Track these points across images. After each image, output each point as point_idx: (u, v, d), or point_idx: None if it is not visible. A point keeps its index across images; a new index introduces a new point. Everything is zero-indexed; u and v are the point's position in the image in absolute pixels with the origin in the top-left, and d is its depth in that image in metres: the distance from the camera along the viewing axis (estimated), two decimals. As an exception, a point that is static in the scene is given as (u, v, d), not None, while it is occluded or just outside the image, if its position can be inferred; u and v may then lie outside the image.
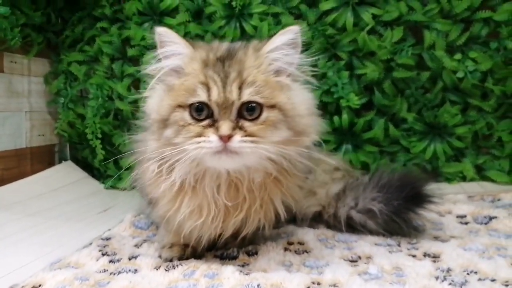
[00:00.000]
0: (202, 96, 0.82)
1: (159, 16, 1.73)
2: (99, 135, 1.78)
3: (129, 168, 1.00)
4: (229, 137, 0.78)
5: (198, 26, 1.70)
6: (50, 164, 1.90)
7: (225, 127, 0.79)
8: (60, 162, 1.93)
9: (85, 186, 1.80)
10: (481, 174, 1.63)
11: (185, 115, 0.84)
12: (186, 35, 1.69)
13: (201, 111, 0.83)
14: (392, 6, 1.59)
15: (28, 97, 1.79)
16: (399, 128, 1.66)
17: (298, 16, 1.66)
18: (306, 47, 1.60)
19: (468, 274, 0.86)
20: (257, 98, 0.82)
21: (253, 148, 0.79)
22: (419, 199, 1.11)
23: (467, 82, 1.56)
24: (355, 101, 1.59)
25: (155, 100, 0.90)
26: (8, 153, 1.68)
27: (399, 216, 1.10)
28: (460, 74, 1.56)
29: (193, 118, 0.83)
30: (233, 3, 1.64)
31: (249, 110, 0.82)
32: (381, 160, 1.66)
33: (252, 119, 0.82)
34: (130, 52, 1.75)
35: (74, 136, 1.87)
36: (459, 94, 1.61)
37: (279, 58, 0.87)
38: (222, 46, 0.91)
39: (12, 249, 1.12)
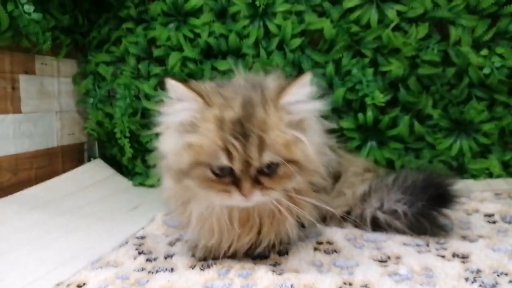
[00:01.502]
0: (224, 161, 0.83)
1: (184, 17, 1.75)
2: (127, 134, 1.82)
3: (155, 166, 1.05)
4: (250, 194, 0.84)
5: (222, 25, 1.72)
6: (80, 162, 1.96)
7: (246, 188, 0.83)
8: (89, 160, 1.99)
9: (114, 184, 1.85)
10: (507, 170, 1.62)
11: (207, 172, 0.85)
12: (210, 35, 1.72)
13: (223, 169, 0.85)
14: (417, 2, 1.57)
15: (58, 98, 1.85)
16: (424, 125, 1.66)
17: (322, 14, 1.67)
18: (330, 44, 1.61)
19: (498, 275, 0.87)
20: (276, 158, 0.84)
21: (269, 198, 0.87)
22: (443, 199, 1.11)
23: (493, 78, 1.55)
24: (380, 98, 1.59)
25: (171, 149, 0.89)
26: (40, 153, 1.74)
27: (424, 216, 1.11)
28: (486, 70, 1.55)
29: (216, 175, 0.85)
30: (257, 2, 1.65)
31: (268, 166, 0.85)
32: (406, 157, 1.67)
33: (270, 173, 0.86)
34: (156, 52, 1.78)
35: (103, 135, 1.92)
36: (486, 90, 1.60)
37: (297, 110, 0.88)
38: (237, 101, 0.86)
39: (51, 247, 1.17)
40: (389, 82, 1.65)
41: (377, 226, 1.18)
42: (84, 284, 0.90)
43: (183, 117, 0.86)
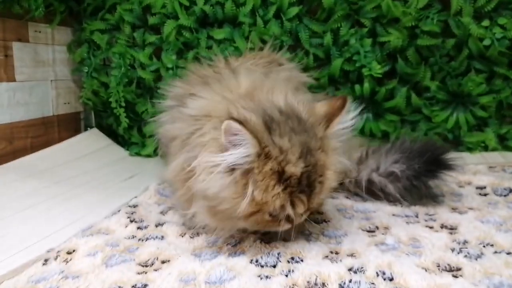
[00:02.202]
0: (289, 211, 0.82)
1: (179, -17, 1.71)
2: (123, 104, 1.81)
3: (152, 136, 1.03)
4: None
5: (219, -7, 1.68)
6: (76, 131, 1.96)
7: (298, 220, 0.86)
8: (85, 129, 1.99)
9: (110, 153, 1.85)
10: (503, 144, 1.62)
11: (265, 216, 0.83)
12: (206, 3, 1.68)
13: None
14: (418, -30, 1.53)
15: (53, 66, 1.83)
16: (422, 97, 1.64)
17: (321, -18, 1.62)
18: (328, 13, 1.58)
19: (484, 246, 0.88)
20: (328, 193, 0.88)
21: None
22: (439, 163, 1.13)
23: (493, 49, 1.52)
24: (377, 69, 1.57)
25: (228, 196, 0.81)
26: (36, 121, 1.73)
27: (420, 179, 1.13)
28: (487, 42, 1.52)
29: (272, 216, 0.83)
30: (254, -31, 1.61)
31: None
32: (401, 129, 1.66)
33: None
34: (151, 20, 1.75)
35: (99, 104, 1.91)
36: (485, 62, 1.57)
37: (342, 133, 0.90)
38: (295, 150, 0.80)
39: (44, 215, 1.18)
40: (387, 53, 1.62)
41: (370, 192, 1.19)
42: (74, 250, 0.91)
43: (241, 161, 0.79)
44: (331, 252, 0.87)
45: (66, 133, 1.89)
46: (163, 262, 0.87)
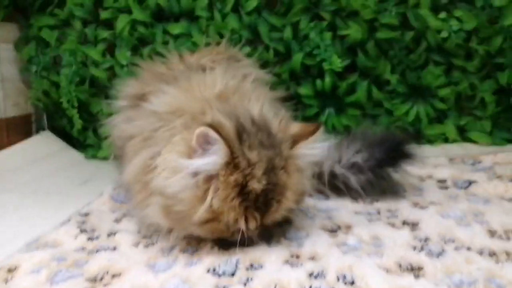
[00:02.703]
0: (241, 226, 0.81)
1: (131, -24, 1.63)
2: (75, 104, 1.72)
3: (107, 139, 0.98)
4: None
5: (173, -14, 1.61)
6: (27, 134, 1.85)
7: (252, 233, 0.84)
8: (37, 132, 1.88)
9: (65, 157, 1.76)
10: (463, 135, 1.64)
11: (220, 226, 0.82)
12: None
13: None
14: (375, -38, 1.51)
15: (-2, 66, 1.71)
16: (383, 91, 1.63)
17: (278, -26, 1.58)
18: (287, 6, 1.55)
19: (445, 243, 0.87)
20: (285, 214, 0.87)
21: None
22: (400, 152, 1.13)
23: (451, 42, 1.53)
24: (338, 63, 1.55)
25: (185, 200, 0.80)
26: (-19, 125, 1.62)
27: (382, 169, 1.13)
28: (444, 34, 1.52)
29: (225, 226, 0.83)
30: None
31: None
32: (364, 123, 1.65)
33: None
34: (103, 15, 1.66)
35: (50, 105, 1.81)
36: (443, 55, 1.58)
37: (307, 159, 0.89)
38: (261, 166, 0.80)
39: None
40: (348, 46, 1.60)
41: (333, 186, 1.18)
42: (15, 267, 0.84)
43: (208, 168, 0.78)
44: (292, 256, 0.84)
45: (16, 136, 1.77)
46: (113, 276, 0.81)
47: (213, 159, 0.77)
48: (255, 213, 0.81)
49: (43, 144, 1.79)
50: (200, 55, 1.26)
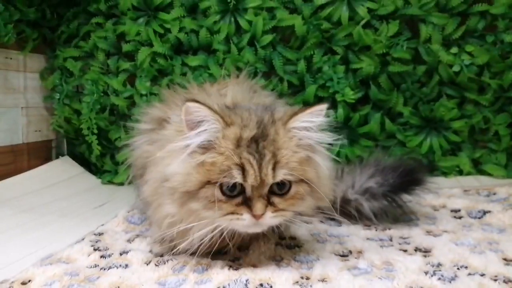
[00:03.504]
0: (238, 178, 0.81)
1: (154, 11, 1.72)
2: (95, 131, 1.77)
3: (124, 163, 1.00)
4: (262, 214, 0.81)
5: (193, 21, 1.69)
6: (47, 159, 1.90)
7: (258, 207, 0.81)
8: (57, 157, 1.93)
9: (82, 182, 1.80)
10: (477, 168, 1.63)
11: (217, 192, 0.82)
12: (181, 30, 1.69)
13: (234, 189, 0.82)
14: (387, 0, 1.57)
15: (24, 93, 1.79)
16: (395, 123, 1.65)
17: (293, 10, 1.65)
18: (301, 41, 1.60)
19: (458, 269, 0.86)
20: (289, 177, 0.83)
21: (280, 220, 0.85)
22: (413, 178, 1.14)
23: (463, 76, 1.55)
24: (351, 95, 1.58)
25: (180, 170, 0.84)
26: (4, 149, 1.68)
27: (395, 194, 1.13)
28: (456, 68, 1.55)
29: (225, 195, 0.82)
30: (228, -2, 1.63)
31: (280, 185, 0.84)
32: (377, 155, 1.65)
33: (281, 193, 0.84)
34: (125, 47, 1.74)
35: (71, 132, 1.87)
36: (456, 88, 1.60)
37: (308, 136, 0.87)
38: (253, 121, 0.86)
39: (5, 245, 1.12)
40: (360, 79, 1.64)
41: (345, 213, 1.17)
42: (29, 280, 0.85)
43: (202, 138, 0.83)
44: (302, 278, 0.84)
45: (36, 161, 1.83)
46: (124, 291, 0.82)
47: (206, 125, 0.82)
48: (250, 158, 0.81)
49: (62, 169, 1.83)
50: (219, 85, 1.30)
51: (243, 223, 0.82)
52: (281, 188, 0.84)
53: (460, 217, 1.21)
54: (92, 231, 1.18)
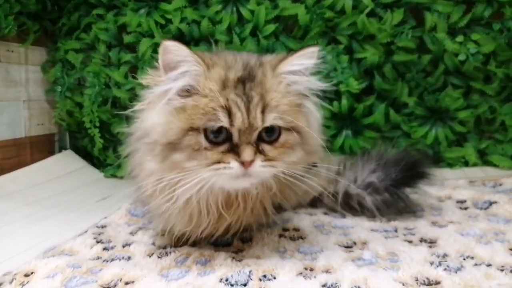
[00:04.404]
0: (224, 122, 0.76)
1: (155, 2, 1.70)
2: (97, 124, 1.77)
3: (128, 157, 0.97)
4: (251, 162, 0.76)
5: (194, 11, 1.67)
6: (50, 153, 1.90)
7: (247, 153, 0.75)
8: (60, 151, 1.93)
9: (85, 175, 1.79)
10: (483, 159, 1.61)
11: (201, 138, 0.77)
12: (182, 21, 1.67)
13: (219, 135, 0.77)
14: (392, -13, 1.55)
15: (26, 86, 1.78)
16: (400, 113, 1.63)
17: (296, 0, 1.63)
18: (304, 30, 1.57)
19: (464, 259, 0.85)
20: (279, 122, 0.79)
21: (271, 171, 0.79)
22: (416, 172, 1.12)
23: (469, 65, 1.53)
24: (355, 85, 1.56)
25: (159, 120, 0.80)
26: (6, 143, 1.67)
27: (398, 188, 1.11)
28: (462, 57, 1.53)
29: (210, 142, 0.77)
30: (230, -13, 1.61)
31: (269, 133, 0.79)
32: (381, 146, 1.64)
33: (271, 141, 0.79)
34: (127, 39, 1.72)
35: (73, 125, 1.86)
36: (461, 78, 1.58)
37: (297, 81, 0.83)
38: (238, 63, 0.82)
39: (8, 238, 1.12)
40: (364, 69, 1.62)
41: (348, 206, 1.16)
42: (32, 273, 0.85)
43: (183, 82, 0.78)
44: (306, 269, 0.83)
45: (39, 155, 1.82)
46: (127, 283, 0.81)
47: (187, 66, 0.78)
48: (237, 99, 0.76)
49: (65, 162, 1.83)
50: None
51: (231, 172, 0.75)
52: (270, 135, 0.79)
53: (465, 208, 1.19)
54: (95, 223, 1.18)
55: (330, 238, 1.00)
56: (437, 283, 0.75)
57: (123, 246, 1.00)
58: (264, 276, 0.80)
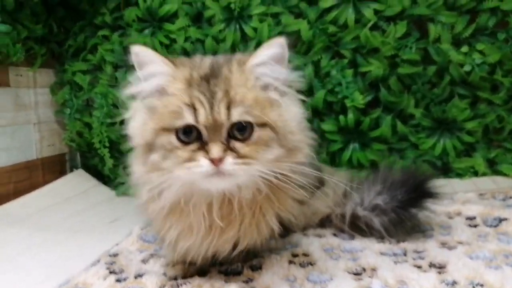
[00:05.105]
0: (188, 119, 0.78)
1: (159, 22, 1.71)
2: (107, 144, 1.79)
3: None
4: (221, 159, 0.76)
5: (198, 30, 1.68)
6: (62, 173, 1.93)
7: (215, 150, 0.76)
8: (71, 170, 1.96)
9: (97, 194, 1.82)
10: (493, 168, 1.60)
11: (172, 138, 0.79)
12: (186, 40, 1.68)
13: (189, 134, 0.79)
14: (394, 0, 1.54)
15: (35, 109, 1.81)
16: (407, 125, 1.63)
17: (298, 15, 1.63)
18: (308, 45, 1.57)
19: (473, 287, 0.85)
20: (247, 117, 0.78)
21: (245, 170, 0.78)
22: (422, 192, 1.12)
23: (475, 75, 1.52)
24: (360, 100, 1.56)
25: (138, 123, 0.85)
26: (19, 166, 1.71)
27: (405, 210, 1.11)
28: (467, 67, 1.52)
29: (181, 141, 0.79)
30: (232, 6, 1.62)
31: (240, 130, 0.79)
32: (389, 158, 1.64)
33: (243, 139, 0.79)
34: (132, 59, 1.74)
35: (83, 145, 1.89)
36: (468, 88, 1.57)
37: (266, 73, 0.83)
38: (205, 63, 0.85)
39: (23, 269, 1.14)
40: (370, 82, 1.61)
41: (356, 227, 1.17)
42: (47, 310, 0.87)
43: (153, 83, 0.83)
44: (315, 300, 0.84)
45: (51, 175, 1.86)
46: (139, 319, 0.83)
47: (154, 68, 0.82)
48: (200, 96, 0.78)
49: (76, 182, 1.86)
50: None
51: (201, 170, 0.76)
52: (242, 133, 0.79)
53: (475, 226, 1.19)
54: (107, 250, 1.19)
55: (339, 264, 1.01)
56: (447, 315, 0.76)
57: (135, 277, 1.01)
58: (274, 309, 0.81)
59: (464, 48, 1.52)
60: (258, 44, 1.62)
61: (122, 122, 1.75)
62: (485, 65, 1.50)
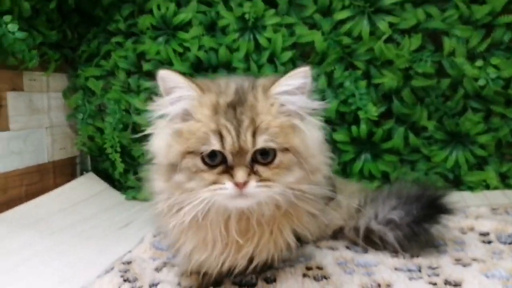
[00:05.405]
0: (215, 145, 0.80)
1: (173, 30, 1.73)
2: (118, 149, 1.80)
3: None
4: (245, 183, 0.78)
5: (212, 39, 1.69)
6: (72, 176, 1.94)
7: (240, 174, 0.78)
8: (81, 173, 1.97)
9: (107, 198, 1.83)
10: (505, 182, 1.59)
11: (198, 162, 0.81)
12: (200, 49, 1.69)
13: (214, 158, 0.81)
14: (409, 13, 1.54)
15: (48, 113, 1.82)
16: (420, 137, 1.63)
17: (313, 26, 1.64)
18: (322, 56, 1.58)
19: (490, 307, 0.85)
20: (271, 144, 0.81)
21: (267, 192, 0.80)
22: (438, 208, 1.11)
23: (489, 89, 1.52)
24: (373, 112, 1.56)
25: (162, 143, 0.86)
26: (31, 169, 1.72)
27: (420, 225, 1.10)
28: (481, 82, 1.51)
29: (206, 164, 0.81)
30: (246, 16, 1.63)
31: (263, 155, 0.81)
32: (401, 170, 1.64)
33: (266, 163, 0.81)
34: (146, 66, 1.76)
35: (94, 149, 1.90)
36: (481, 102, 1.57)
37: (290, 101, 0.85)
38: (231, 88, 0.86)
39: (36, 274, 1.15)
40: (383, 94, 1.62)
41: (370, 241, 1.17)
42: (64, 319, 0.87)
43: (179, 107, 0.84)
44: (331, 317, 0.84)
45: (62, 178, 1.87)
46: (156, 331, 0.83)
47: (181, 92, 0.83)
48: (228, 125, 0.80)
49: (87, 186, 1.87)
50: None
51: (226, 192, 0.79)
52: (265, 157, 0.81)
53: (489, 242, 1.18)
54: (120, 257, 1.20)
55: (353, 278, 1.00)
56: (465, 336, 0.75)
57: (150, 286, 1.01)
58: (291, 325, 0.81)
59: (479, 62, 1.52)
60: (272, 54, 1.64)
61: (134, 129, 1.79)
62: (499, 79, 1.50)
